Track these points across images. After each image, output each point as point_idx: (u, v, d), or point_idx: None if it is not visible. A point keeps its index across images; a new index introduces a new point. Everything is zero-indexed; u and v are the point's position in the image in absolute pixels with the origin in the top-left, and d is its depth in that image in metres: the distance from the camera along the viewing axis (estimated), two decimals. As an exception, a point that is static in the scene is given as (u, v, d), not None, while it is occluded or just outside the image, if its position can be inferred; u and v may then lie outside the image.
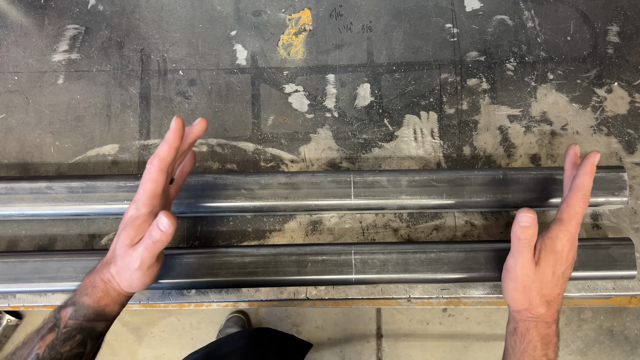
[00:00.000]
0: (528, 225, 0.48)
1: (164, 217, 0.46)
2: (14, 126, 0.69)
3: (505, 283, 0.53)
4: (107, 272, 0.51)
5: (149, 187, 0.49)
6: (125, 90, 0.70)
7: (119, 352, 1.73)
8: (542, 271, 0.51)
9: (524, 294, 0.51)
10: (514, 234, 0.50)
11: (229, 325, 1.66)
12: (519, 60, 0.70)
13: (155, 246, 0.48)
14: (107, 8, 0.72)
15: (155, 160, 0.49)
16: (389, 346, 1.73)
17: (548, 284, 0.51)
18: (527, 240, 0.49)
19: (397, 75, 0.70)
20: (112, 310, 0.52)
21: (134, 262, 0.49)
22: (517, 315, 0.53)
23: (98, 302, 0.51)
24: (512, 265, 0.52)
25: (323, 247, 0.61)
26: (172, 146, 0.49)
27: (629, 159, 0.67)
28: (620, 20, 0.70)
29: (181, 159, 0.56)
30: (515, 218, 0.49)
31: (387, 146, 0.68)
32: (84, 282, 0.52)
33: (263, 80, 0.70)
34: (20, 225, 0.66)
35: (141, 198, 0.49)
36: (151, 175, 0.49)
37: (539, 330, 0.51)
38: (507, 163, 0.67)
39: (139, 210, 0.49)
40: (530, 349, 0.51)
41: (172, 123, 0.49)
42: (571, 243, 0.51)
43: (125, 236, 0.49)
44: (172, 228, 0.47)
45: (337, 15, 0.72)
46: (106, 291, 0.51)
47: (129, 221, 0.50)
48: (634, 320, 1.73)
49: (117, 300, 0.52)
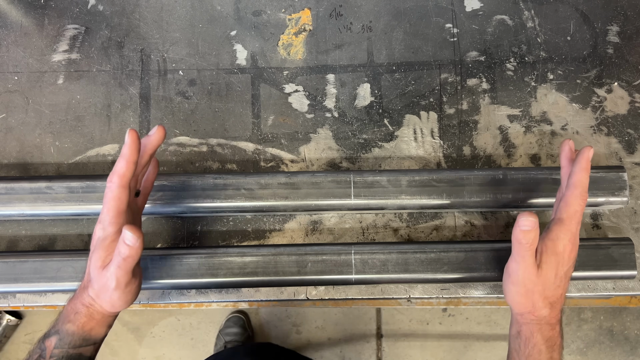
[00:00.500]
0: (529, 229, 0.47)
1: (128, 231, 0.45)
2: (14, 126, 0.69)
3: (507, 286, 0.52)
4: (86, 296, 0.50)
5: (112, 205, 0.48)
6: (125, 90, 0.70)
7: (119, 352, 1.73)
8: (544, 274, 0.49)
9: (526, 297, 0.50)
10: (515, 238, 0.49)
11: (229, 325, 1.66)
12: (519, 60, 0.70)
13: (127, 262, 0.47)
14: (107, 8, 0.72)
15: (114, 177, 0.47)
16: (389, 346, 1.73)
17: (551, 285, 0.50)
18: (528, 244, 0.48)
19: (397, 75, 0.70)
20: (98, 333, 0.52)
21: (110, 283, 0.48)
22: (521, 318, 0.52)
23: (82, 327, 0.50)
24: (513, 269, 0.51)
25: (323, 247, 0.61)
26: (130, 161, 0.47)
27: (629, 159, 0.67)
28: (620, 20, 0.70)
29: (144, 170, 0.54)
30: (515, 222, 0.48)
31: (387, 146, 0.68)
32: (65, 309, 0.51)
33: (263, 80, 0.70)
34: (20, 225, 0.66)
35: (106, 218, 0.48)
36: (112, 193, 0.47)
37: (543, 333, 0.51)
38: (507, 163, 0.67)
39: (106, 231, 0.48)
40: (535, 352, 0.50)
41: (127, 137, 0.47)
42: (572, 243, 0.50)
43: (96, 258, 0.49)
44: (138, 241, 0.46)
45: (337, 15, 0.72)
46: (89, 315, 0.50)
47: (98, 243, 0.49)
48: (634, 320, 1.73)
49: (102, 322, 0.52)
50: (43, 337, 0.51)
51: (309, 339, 1.73)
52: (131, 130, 0.47)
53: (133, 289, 0.51)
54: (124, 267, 0.47)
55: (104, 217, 0.48)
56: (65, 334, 0.50)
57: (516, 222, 0.48)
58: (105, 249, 0.48)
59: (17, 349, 1.73)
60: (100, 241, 0.49)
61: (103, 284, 0.49)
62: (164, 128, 0.51)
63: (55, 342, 0.49)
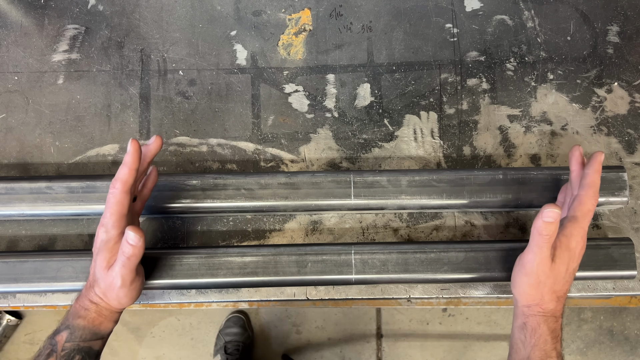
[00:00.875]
0: (552, 220, 0.48)
1: (131, 232, 0.50)
2: (14, 126, 0.69)
3: (519, 277, 0.54)
4: (93, 294, 0.54)
5: (115, 210, 0.51)
6: (125, 90, 0.70)
7: (119, 352, 1.73)
8: (557, 268, 0.51)
9: (537, 289, 0.52)
10: (536, 228, 0.50)
11: (229, 326, 1.66)
12: (519, 60, 0.70)
13: (131, 261, 0.51)
14: (107, 8, 0.72)
15: (117, 184, 0.51)
16: (389, 346, 1.73)
17: (561, 280, 0.52)
18: (548, 236, 0.49)
19: (397, 75, 0.70)
20: (107, 327, 0.55)
21: (116, 282, 0.52)
22: (527, 310, 0.53)
23: (92, 322, 0.54)
24: (529, 259, 0.52)
25: (323, 247, 0.61)
26: (132, 168, 0.51)
27: (629, 159, 0.67)
28: (620, 20, 0.70)
29: (142, 176, 0.58)
30: (539, 213, 0.49)
31: (387, 146, 0.68)
32: (74, 307, 0.55)
33: (263, 80, 0.70)
34: (20, 225, 0.66)
35: (109, 221, 0.51)
36: (116, 198, 0.51)
37: (549, 324, 0.52)
38: (507, 163, 0.67)
39: (109, 233, 0.52)
40: (541, 342, 0.52)
41: (129, 146, 0.51)
42: (584, 240, 0.53)
43: (101, 260, 0.52)
44: (141, 240, 0.50)
45: (337, 15, 0.72)
46: (98, 312, 0.54)
47: (102, 245, 0.52)
48: (634, 320, 1.73)
49: (110, 318, 0.55)
50: (52, 334, 0.54)
51: (309, 339, 1.73)
52: (133, 140, 0.51)
53: (137, 286, 0.55)
54: (128, 265, 0.52)
55: (106, 221, 0.51)
56: (76, 328, 0.53)
57: (539, 213, 0.49)
58: (109, 251, 0.52)
59: (17, 349, 1.73)
60: (104, 244, 0.52)
61: (109, 283, 0.53)
62: (161, 138, 0.55)
63: (67, 336, 0.53)
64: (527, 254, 0.53)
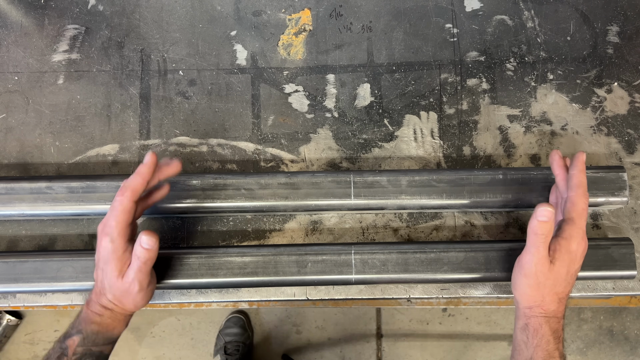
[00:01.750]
0: (546, 220, 0.49)
1: (145, 236, 0.50)
2: (14, 126, 0.69)
3: (519, 279, 0.54)
4: (105, 300, 0.54)
5: (121, 218, 0.51)
6: (125, 90, 0.70)
7: (119, 352, 1.73)
8: (557, 270, 0.51)
9: (537, 290, 0.52)
10: (531, 228, 0.50)
11: (229, 326, 1.66)
12: (519, 60, 0.70)
13: (147, 265, 0.52)
14: (107, 8, 0.72)
15: (127, 192, 0.51)
16: (389, 346, 1.73)
17: (562, 282, 0.52)
18: (544, 235, 0.50)
19: (397, 75, 0.70)
20: (119, 331, 0.56)
21: (133, 287, 0.52)
22: (529, 312, 0.53)
23: (107, 327, 0.54)
24: (527, 260, 0.52)
25: (323, 247, 0.61)
26: (145, 179, 0.51)
27: (629, 159, 0.67)
28: (620, 20, 0.70)
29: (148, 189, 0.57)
30: (533, 213, 0.49)
31: (387, 146, 0.68)
32: (86, 312, 0.55)
33: (263, 80, 0.70)
34: (20, 225, 0.66)
35: (114, 231, 0.51)
36: (123, 206, 0.51)
37: (551, 325, 0.52)
38: (507, 163, 0.67)
39: (115, 243, 0.51)
40: (543, 343, 0.52)
41: (147, 157, 0.52)
42: (584, 241, 0.53)
43: (112, 269, 0.52)
44: (156, 243, 0.51)
45: (337, 15, 0.72)
46: (113, 317, 0.55)
47: (110, 255, 0.52)
48: (634, 320, 1.73)
49: (124, 321, 0.57)
50: (62, 337, 0.54)
51: (309, 339, 1.73)
52: (152, 153, 0.52)
53: (152, 287, 0.56)
54: (144, 269, 0.52)
55: (111, 230, 0.51)
56: (89, 333, 0.53)
57: (534, 214, 0.49)
58: (119, 259, 0.52)
59: (17, 349, 1.73)
60: (112, 253, 0.52)
61: (125, 290, 0.53)
62: (181, 164, 0.55)
63: (79, 341, 0.53)
64: (525, 255, 0.53)
